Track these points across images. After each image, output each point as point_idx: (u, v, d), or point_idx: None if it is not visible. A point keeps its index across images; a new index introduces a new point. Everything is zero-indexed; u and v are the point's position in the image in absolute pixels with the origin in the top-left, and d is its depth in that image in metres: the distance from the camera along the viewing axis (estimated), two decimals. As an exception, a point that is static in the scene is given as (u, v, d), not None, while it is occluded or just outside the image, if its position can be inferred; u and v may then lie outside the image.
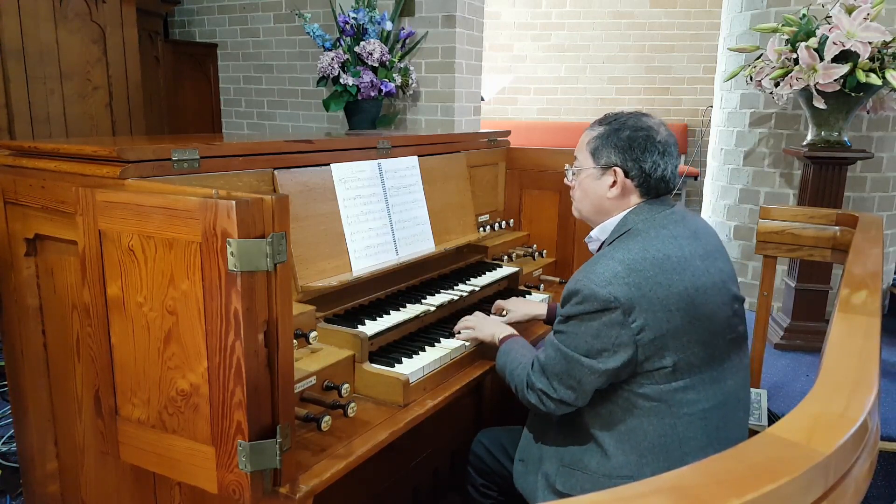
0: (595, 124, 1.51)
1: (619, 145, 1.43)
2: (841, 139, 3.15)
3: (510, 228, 2.57)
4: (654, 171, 1.42)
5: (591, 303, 1.30)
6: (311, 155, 1.77)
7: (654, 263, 1.31)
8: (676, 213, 1.44)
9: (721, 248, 1.47)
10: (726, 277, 1.41)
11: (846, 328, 0.99)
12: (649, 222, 1.40)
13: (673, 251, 1.34)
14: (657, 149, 1.42)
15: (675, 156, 1.45)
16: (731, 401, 1.40)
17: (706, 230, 1.47)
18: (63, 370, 1.58)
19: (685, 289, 1.31)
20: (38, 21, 3.17)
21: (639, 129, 1.43)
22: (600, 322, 1.30)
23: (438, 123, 4.09)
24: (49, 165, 1.48)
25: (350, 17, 3.82)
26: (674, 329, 1.29)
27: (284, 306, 1.11)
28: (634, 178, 1.43)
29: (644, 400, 1.34)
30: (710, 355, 1.35)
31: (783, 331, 3.36)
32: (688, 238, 1.38)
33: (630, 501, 0.53)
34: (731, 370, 1.40)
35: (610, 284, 1.29)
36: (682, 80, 6.81)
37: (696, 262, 1.35)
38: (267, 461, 1.11)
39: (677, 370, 1.32)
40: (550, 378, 1.39)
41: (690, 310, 1.30)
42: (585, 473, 1.42)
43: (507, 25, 7.01)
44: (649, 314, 1.28)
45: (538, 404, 1.42)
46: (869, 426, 0.69)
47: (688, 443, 1.35)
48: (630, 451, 1.36)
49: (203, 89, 5.03)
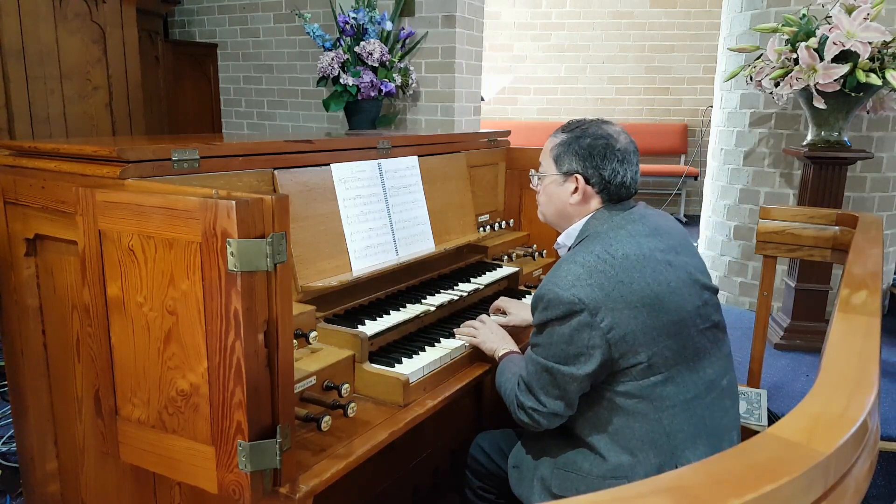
0: (558, 131, 1.55)
1: (580, 153, 1.47)
2: (841, 139, 3.15)
3: (510, 228, 2.57)
4: (613, 178, 1.46)
5: (556, 307, 1.32)
6: (311, 155, 1.77)
7: (614, 263, 1.34)
8: (635, 213, 1.47)
9: (685, 242, 1.49)
10: (692, 269, 1.43)
11: (846, 328, 0.99)
12: (608, 224, 1.44)
13: (631, 249, 1.37)
14: (616, 157, 1.46)
15: (635, 163, 1.49)
16: (714, 390, 1.42)
17: (668, 226, 1.49)
18: (63, 370, 1.58)
19: (647, 284, 1.33)
20: (38, 21, 3.17)
21: (598, 138, 1.47)
22: (570, 327, 1.32)
23: (438, 123, 4.09)
24: (49, 165, 1.49)
25: (350, 17, 3.82)
26: (641, 325, 1.31)
27: (284, 306, 1.11)
28: (595, 185, 1.48)
29: (626, 398, 1.36)
30: (683, 346, 1.37)
31: (783, 331, 3.36)
32: (647, 235, 1.41)
33: (630, 501, 0.53)
34: (708, 360, 1.42)
35: (573, 287, 1.31)
36: (682, 80, 6.81)
37: (657, 256, 1.37)
38: (267, 461, 1.11)
39: (652, 365, 1.33)
40: (537, 393, 1.40)
41: (655, 305, 1.33)
42: (580, 475, 1.43)
43: (507, 25, 7.01)
44: (615, 313, 1.30)
45: (531, 423, 1.44)
46: (869, 426, 0.69)
47: (675, 435, 1.36)
48: (621, 450, 1.37)
49: (203, 89, 5.03)
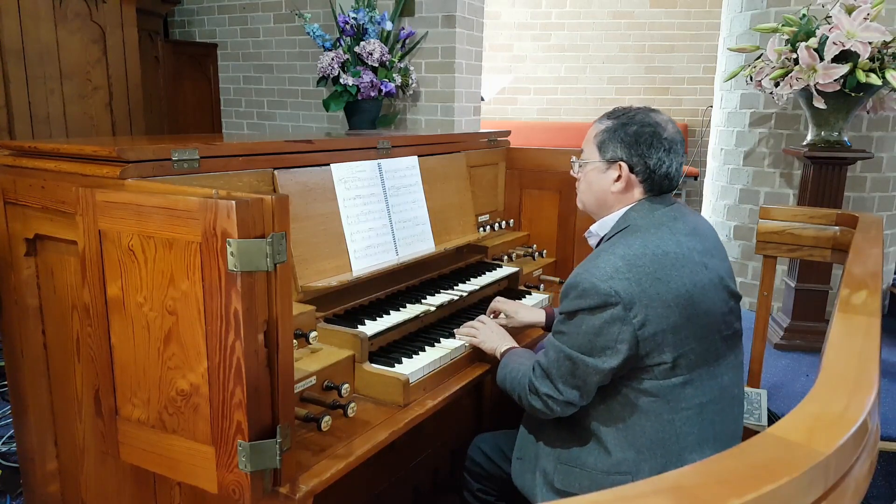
0: (603, 117, 1.50)
1: (626, 140, 1.43)
2: (841, 139, 3.15)
3: (510, 228, 2.57)
4: (658, 168, 1.42)
5: (591, 297, 1.30)
6: (311, 155, 1.77)
7: (654, 259, 1.31)
8: (676, 210, 1.44)
9: (719, 246, 1.47)
10: (724, 274, 1.42)
11: (846, 328, 0.99)
12: (649, 219, 1.41)
13: (672, 248, 1.34)
14: (663, 145, 1.42)
15: (681, 154, 1.45)
16: (726, 396, 1.42)
17: (705, 227, 1.47)
18: (63, 370, 1.58)
19: (683, 285, 1.31)
20: (38, 21, 3.17)
21: (646, 125, 1.42)
22: (601, 319, 1.30)
23: (438, 123, 4.09)
24: (49, 165, 1.48)
25: (350, 17, 3.82)
26: (672, 325, 1.30)
27: (284, 306, 1.11)
28: (639, 174, 1.43)
29: (643, 396, 1.35)
30: (707, 351, 1.36)
31: (783, 331, 3.36)
32: (687, 235, 1.39)
33: (631, 501, 0.53)
34: (726, 366, 1.42)
35: (611, 279, 1.29)
36: (682, 80, 6.81)
37: (695, 258, 1.35)
38: (267, 461, 1.11)
39: (676, 366, 1.32)
40: (554, 381, 1.38)
41: (688, 306, 1.31)
42: (584, 470, 1.42)
43: (506, 25, 7.01)
44: (649, 309, 1.29)
45: (544, 409, 1.41)
46: (869, 426, 0.69)
47: (685, 438, 1.36)
48: (628, 447, 1.37)
49: (203, 89, 5.03)
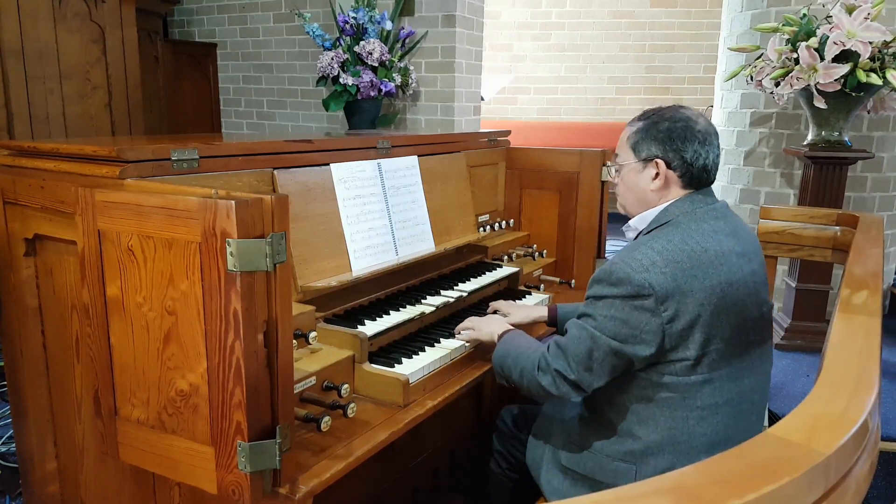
0: (634, 120, 1.52)
1: (659, 137, 1.44)
2: (841, 139, 3.15)
3: (510, 228, 2.57)
4: (695, 161, 1.42)
5: (624, 286, 1.31)
6: (310, 155, 1.77)
7: (692, 256, 1.32)
8: (718, 209, 1.44)
9: (758, 251, 1.47)
10: (759, 280, 1.42)
11: (847, 328, 0.98)
12: (690, 215, 1.41)
13: (711, 245, 1.34)
14: (697, 138, 1.42)
15: (717, 145, 1.45)
16: (744, 401, 1.40)
17: (745, 230, 1.47)
18: (62, 370, 1.58)
19: (719, 283, 1.31)
20: (38, 21, 3.17)
21: (677, 121, 1.44)
22: (631, 307, 1.30)
23: (438, 123, 4.09)
24: (48, 165, 1.48)
25: (350, 16, 3.82)
26: (703, 322, 1.30)
27: (284, 306, 1.11)
28: (676, 169, 1.44)
29: (662, 390, 1.35)
30: (731, 352, 1.35)
31: (784, 331, 3.36)
32: (727, 234, 1.39)
33: (631, 501, 0.53)
34: (749, 370, 1.40)
35: (646, 271, 1.29)
36: (682, 80, 6.81)
37: (733, 258, 1.35)
38: (266, 462, 1.11)
39: (698, 363, 1.32)
40: (570, 359, 1.38)
41: (721, 304, 1.31)
42: (591, 452, 1.44)
43: (506, 25, 7.01)
44: (682, 305, 1.29)
45: (550, 386, 1.40)
46: (869, 426, 0.69)
47: (697, 439, 1.35)
48: (638, 438, 1.38)
49: (202, 89, 5.03)
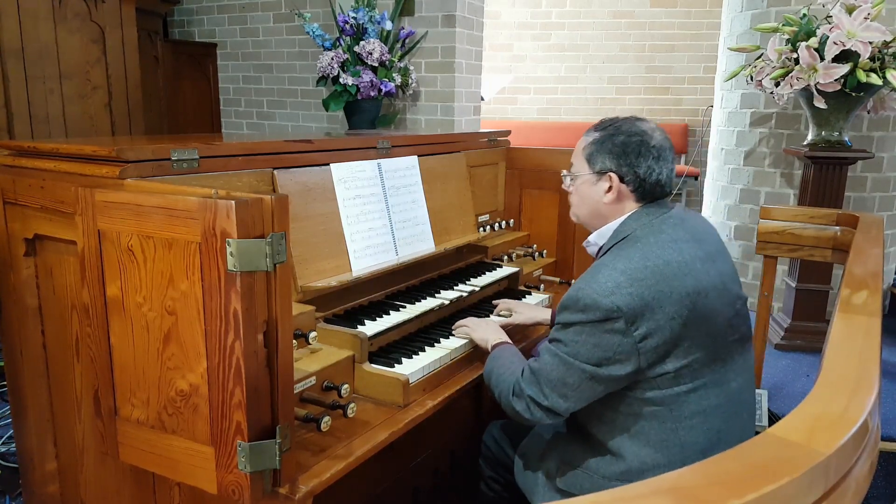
0: (591, 130, 1.50)
1: (614, 151, 1.43)
2: (841, 139, 3.15)
3: (510, 228, 2.57)
4: (648, 176, 1.41)
5: (592, 312, 1.29)
6: (310, 155, 1.77)
7: (655, 271, 1.30)
8: (675, 216, 1.42)
9: (722, 249, 1.46)
10: (727, 279, 1.40)
11: (847, 328, 0.98)
12: (648, 227, 1.39)
13: (673, 256, 1.32)
14: (651, 153, 1.41)
15: (671, 160, 1.44)
16: (734, 402, 1.39)
17: (706, 231, 1.46)
18: (62, 370, 1.58)
19: (687, 294, 1.29)
20: (38, 21, 3.17)
21: (633, 135, 1.43)
22: (602, 330, 1.28)
23: (438, 123, 4.09)
24: (48, 165, 1.48)
25: (350, 16, 3.82)
26: (676, 335, 1.28)
27: (284, 306, 1.11)
28: (630, 184, 1.43)
29: (646, 405, 1.33)
30: (713, 358, 1.34)
31: (783, 331, 3.36)
32: (687, 241, 1.37)
33: (630, 502, 0.53)
34: (734, 371, 1.39)
35: (612, 294, 1.27)
36: (682, 80, 6.81)
37: (697, 265, 1.34)
38: (266, 462, 1.11)
39: (679, 375, 1.31)
40: (542, 385, 1.37)
41: (692, 314, 1.29)
42: (586, 473, 1.42)
43: (506, 25, 7.00)
44: (652, 322, 1.27)
45: (524, 412, 1.40)
46: (869, 426, 0.69)
47: (690, 447, 1.34)
48: (633, 455, 1.36)
49: (202, 89, 5.02)
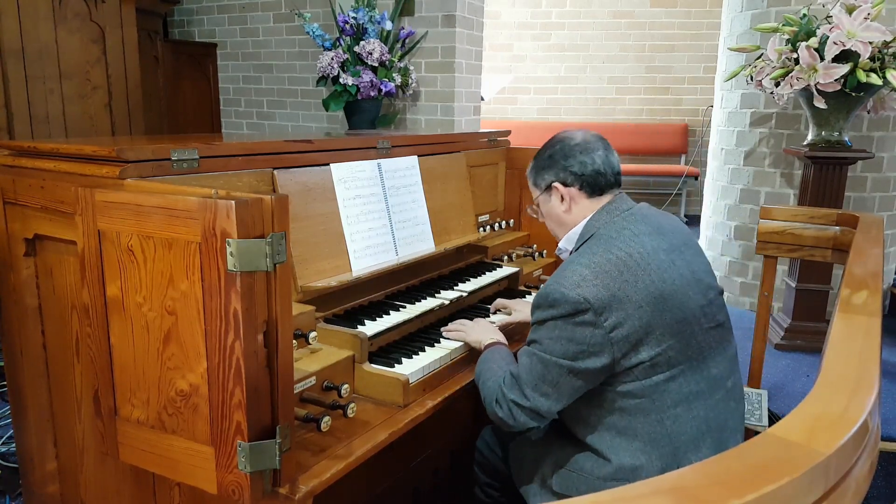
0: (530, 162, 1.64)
1: (546, 165, 1.56)
2: (841, 139, 3.15)
3: (510, 228, 2.57)
4: (584, 169, 1.50)
5: (561, 306, 1.33)
6: (310, 155, 1.77)
7: (618, 263, 1.34)
8: (636, 212, 1.48)
9: (690, 241, 1.50)
10: (696, 269, 1.43)
11: (847, 328, 0.98)
12: (610, 225, 1.45)
13: (635, 248, 1.37)
14: (577, 150, 1.52)
15: (601, 148, 1.52)
16: (716, 388, 1.42)
17: (672, 225, 1.49)
18: (62, 370, 1.58)
19: (652, 282, 1.33)
20: (38, 21, 3.17)
21: (555, 144, 1.56)
22: (573, 324, 1.32)
23: (438, 123, 4.09)
24: (48, 165, 1.48)
25: (350, 16, 3.82)
26: (646, 324, 1.32)
27: (284, 306, 1.11)
28: (573, 184, 1.52)
29: (628, 398, 1.35)
30: (687, 346, 1.36)
31: (783, 331, 3.36)
32: (649, 234, 1.41)
33: (630, 502, 0.53)
34: (713, 359, 1.41)
35: (579, 287, 1.32)
36: (682, 80, 6.81)
37: (661, 255, 1.38)
38: (266, 462, 1.11)
39: (655, 364, 1.33)
40: (523, 386, 1.39)
41: (659, 303, 1.33)
42: (581, 475, 1.43)
43: (506, 25, 7.01)
44: (620, 312, 1.31)
45: (507, 418, 1.41)
46: (869, 426, 0.69)
47: (678, 437, 1.36)
48: (623, 452, 1.37)
49: (202, 89, 5.02)
